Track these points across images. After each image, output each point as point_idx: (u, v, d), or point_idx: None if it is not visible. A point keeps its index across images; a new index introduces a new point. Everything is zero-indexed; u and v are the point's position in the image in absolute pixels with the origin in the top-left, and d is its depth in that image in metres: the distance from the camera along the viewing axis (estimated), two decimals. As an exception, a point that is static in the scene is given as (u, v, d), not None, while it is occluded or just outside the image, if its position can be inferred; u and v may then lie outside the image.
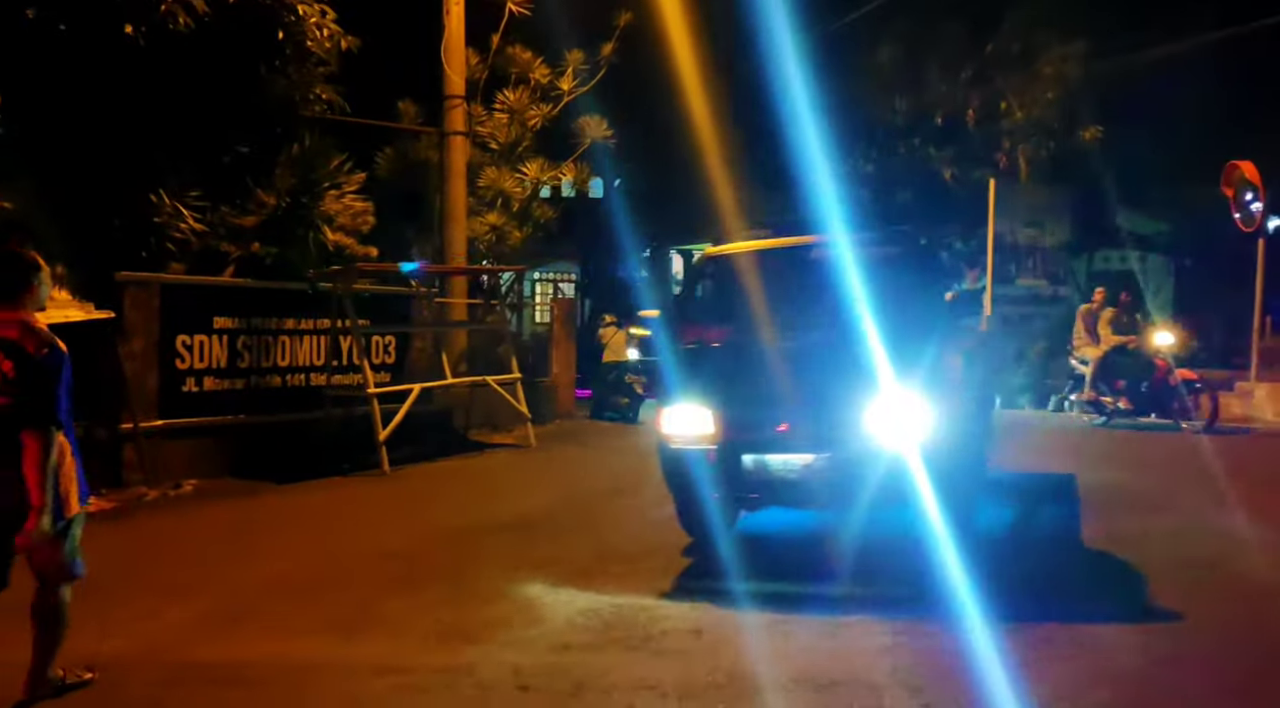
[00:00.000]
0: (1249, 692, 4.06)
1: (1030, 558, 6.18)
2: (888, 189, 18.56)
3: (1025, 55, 17.18)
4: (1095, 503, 7.72)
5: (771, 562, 6.09)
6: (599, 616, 5.02)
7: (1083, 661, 4.33)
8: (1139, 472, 9.25)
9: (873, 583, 5.43)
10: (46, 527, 3.68)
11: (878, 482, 5.29)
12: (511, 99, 14.33)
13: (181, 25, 8.89)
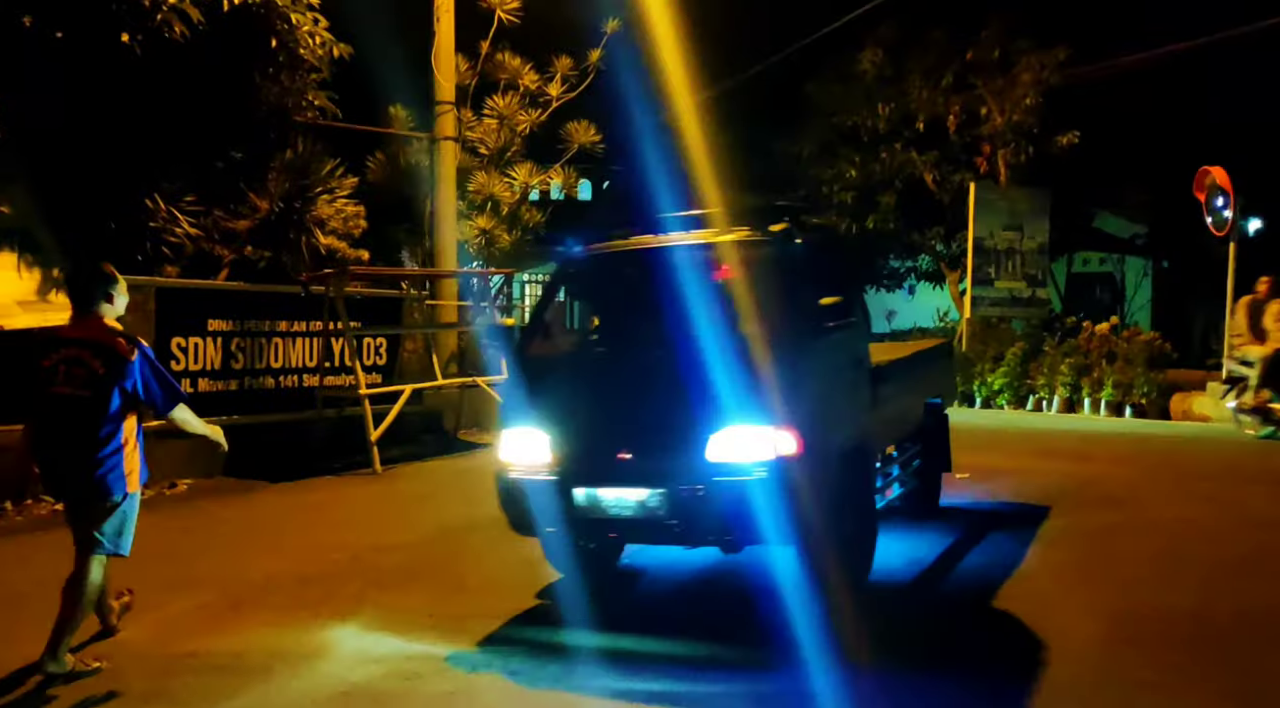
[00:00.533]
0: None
1: (929, 616, 5.21)
2: (870, 193, 18.87)
3: (1005, 61, 17.50)
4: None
5: (631, 607, 5.43)
6: (395, 660, 4.56)
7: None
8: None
9: (715, 638, 4.76)
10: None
11: (724, 520, 4.65)
12: (501, 105, 14.56)
13: (177, 34, 9.08)
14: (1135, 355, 14.57)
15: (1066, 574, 5.83)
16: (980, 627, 5.00)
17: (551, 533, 5.11)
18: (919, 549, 6.35)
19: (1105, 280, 26.15)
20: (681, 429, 4.77)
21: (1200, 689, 4.07)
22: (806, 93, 19.72)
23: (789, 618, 4.75)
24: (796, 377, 4.83)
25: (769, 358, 4.73)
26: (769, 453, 4.63)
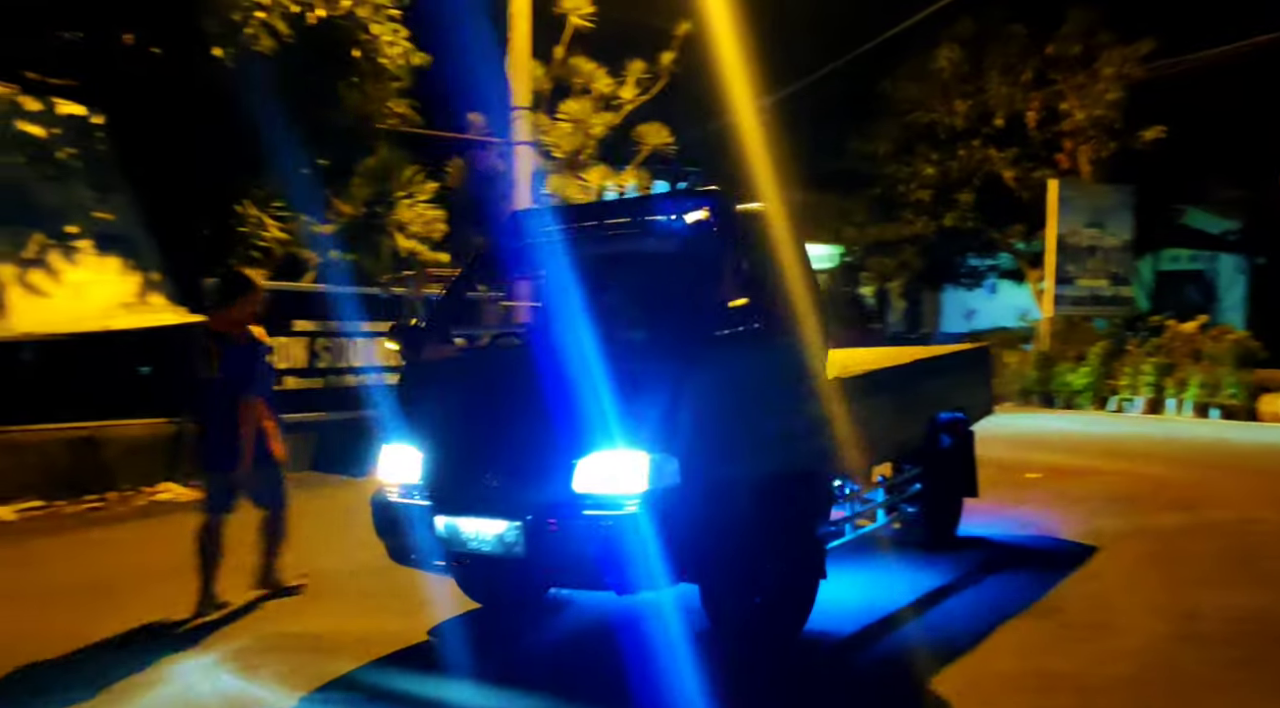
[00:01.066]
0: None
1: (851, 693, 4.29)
2: (948, 190, 18.64)
3: (1086, 56, 17.14)
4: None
5: (523, 655, 4.72)
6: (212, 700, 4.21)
7: None
8: None
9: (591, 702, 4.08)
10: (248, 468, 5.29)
11: (590, 561, 3.99)
12: (575, 110, 14.79)
13: (265, 47, 9.49)
14: (1222, 355, 14.16)
15: (1054, 648, 4.66)
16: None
17: (416, 561, 4.51)
18: (893, 592, 5.44)
19: (1196, 278, 25.30)
20: (548, 454, 4.11)
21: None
22: (882, 91, 19.57)
23: (686, 683, 4.11)
24: (681, 393, 4.07)
25: (650, 370, 4.09)
26: (640, 484, 3.92)
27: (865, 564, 5.92)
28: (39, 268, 8.72)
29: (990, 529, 6.99)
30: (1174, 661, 4.45)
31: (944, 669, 4.32)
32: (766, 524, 4.39)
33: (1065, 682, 4.20)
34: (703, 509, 4.05)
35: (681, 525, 3.97)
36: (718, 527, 4.13)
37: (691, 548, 4.04)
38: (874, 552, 6.09)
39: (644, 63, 15.42)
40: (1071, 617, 5.09)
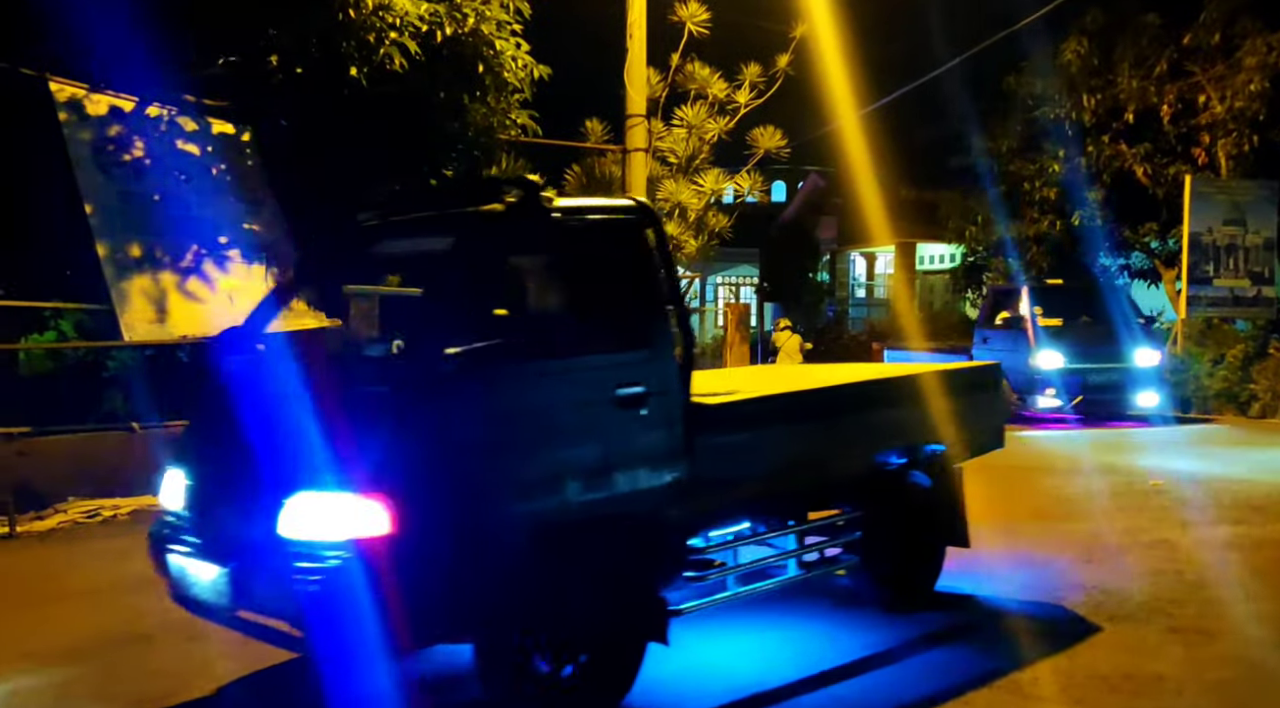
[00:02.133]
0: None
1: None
2: (1075, 188, 18.08)
3: (1226, 45, 16.37)
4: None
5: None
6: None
7: None
8: None
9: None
10: None
11: (295, 617, 3.42)
12: (689, 115, 14.97)
13: (397, 65, 10.03)
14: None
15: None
16: None
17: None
18: (791, 662, 4.61)
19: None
20: (261, 489, 3.57)
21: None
22: (1006, 87, 19.11)
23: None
24: (405, 424, 3.49)
25: (368, 396, 3.59)
26: (352, 530, 3.35)
27: (783, 624, 5.11)
28: (195, 276, 9.46)
29: (987, 586, 5.79)
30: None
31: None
32: (562, 578, 3.72)
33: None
34: (451, 559, 3.44)
35: (415, 578, 3.35)
36: (481, 580, 3.49)
37: (440, 604, 3.44)
38: (812, 608, 5.33)
39: (759, 66, 15.50)
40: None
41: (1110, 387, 13.98)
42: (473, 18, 10.76)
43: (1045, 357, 13.89)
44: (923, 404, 5.47)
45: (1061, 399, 13.75)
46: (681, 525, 4.21)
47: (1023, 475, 9.58)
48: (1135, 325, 14.33)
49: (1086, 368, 13.87)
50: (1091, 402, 13.94)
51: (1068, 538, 7.01)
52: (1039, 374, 13.88)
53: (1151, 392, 14.04)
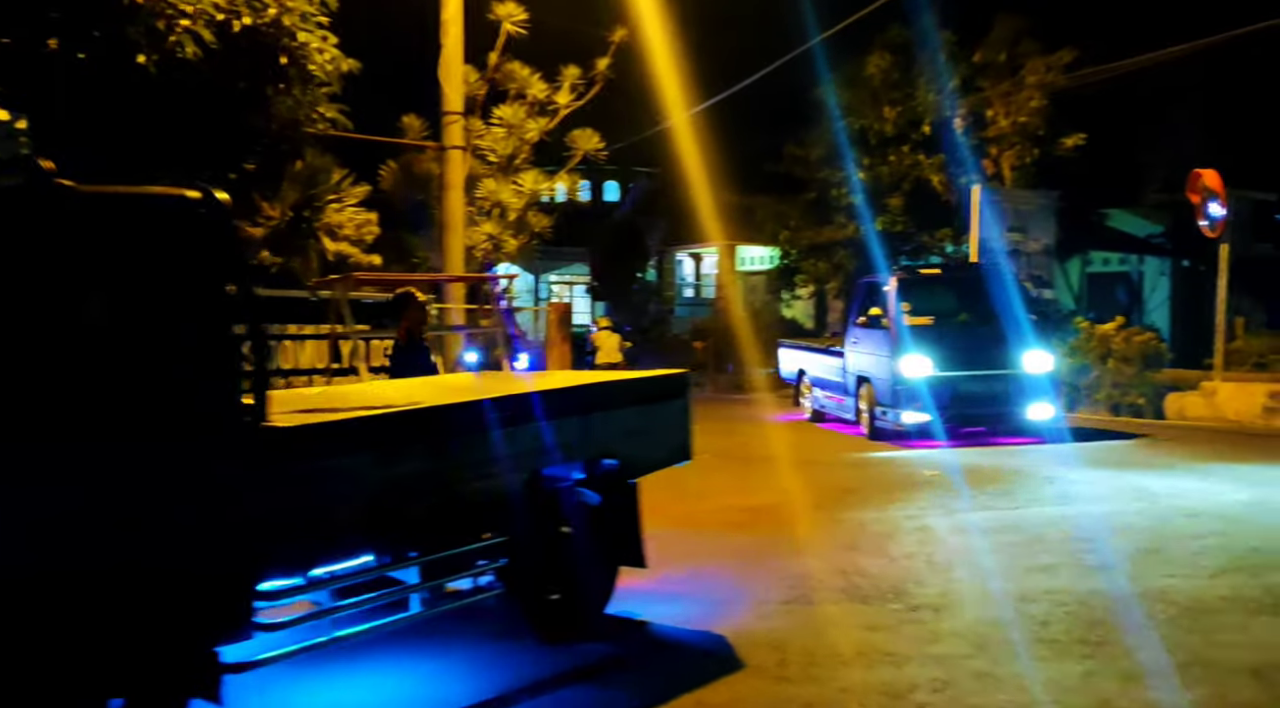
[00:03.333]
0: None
1: None
2: (879, 195, 19.14)
3: (1012, 65, 17.70)
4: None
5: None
6: None
7: None
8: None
9: None
10: None
11: None
12: (508, 115, 15.04)
13: (190, 54, 9.61)
14: (1133, 356, 14.71)
15: None
16: None
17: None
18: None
19: (1124, 280, 26.11)
20: None
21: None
22: (814, 97, 20.04)
23: None
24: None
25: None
26: None
27: (426, 659, 4.79)
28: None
29: (666, 607, 5.52)
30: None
31: None
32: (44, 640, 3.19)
33: None
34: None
35: None
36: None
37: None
38: (466, 641, 4.98)
39: (579, 68, 15.72)
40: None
41: (989, 397, 11.74)
42: (274, 8, 10.40)
43: (909, 362, 11.54)
44: (590, 418, 5.07)
45: (929, 413, 11.45)
46: (242, 570, 3.58)
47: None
48: (1027, 323, 11.74)
49: (959, 375, 11.60)
50: (965, 415, 11.87)
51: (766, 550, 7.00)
52: (901, 383, 11.60)
53: (1044, 403, 11.65)
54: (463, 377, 6.52)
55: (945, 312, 12.37)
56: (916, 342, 11.62)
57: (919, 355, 11.57)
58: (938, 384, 11.54)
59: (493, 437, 4.50)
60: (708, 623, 5.34)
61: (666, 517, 8.16)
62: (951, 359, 11.62)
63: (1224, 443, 11.82)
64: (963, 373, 11.63)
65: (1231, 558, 6.23)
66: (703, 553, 6.92)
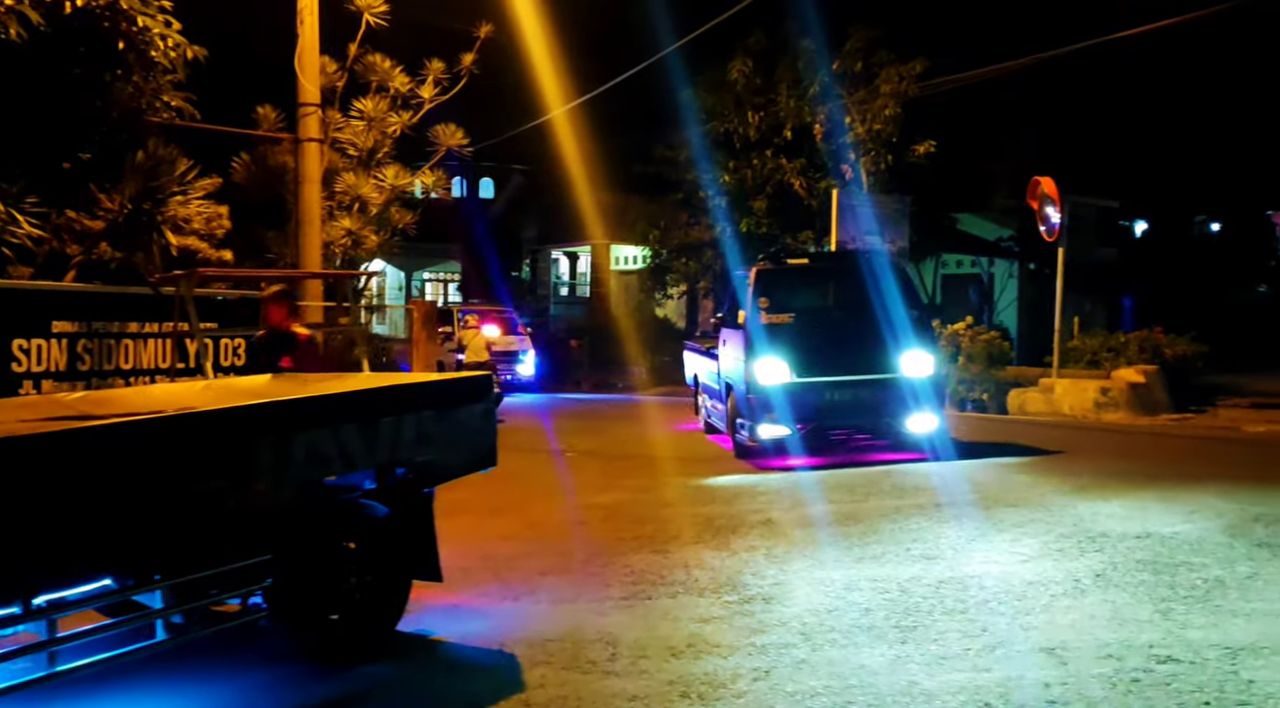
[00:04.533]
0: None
1: None
2: (744, 197, 19.55)
3: (868, 73, 18.32)
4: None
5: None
6: None
7: None
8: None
9: None
10: None
11: None
12: (369, 108, 14.75)
13: (14, 35, 9.08)
14: (979, 354, 15.45)
15: None
16: None
17: None
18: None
19: (975, 281, 27.42)
20: None
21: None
22: (682, 99, 20.32)
23: None
24: None
25: None
26: None
27: (167, 694, 4.45)
28: None
29: (459, 624, 5.30)
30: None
31: None
32: None
33: None
34: None
35: None
36: None
37: None
38: (239, 667, 4.71)
39: (442, 62, 15.54)
40: None
41: (859, 407, 10.23)
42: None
43: (764, 366, 10.04)
44: (379, 424, 4.77)
45: (787, 426, 10.02)
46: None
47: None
48: (909, 320, 10.20)
49: (823, 382, 10.11)
50: (832, 428, 10.60)
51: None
52: (755, 391, 10.06)
53: (925, 412, 10.08)
54: (257, 379, 6.23)
55: (813, 308, 11.00)
56: (774, 343, 10.03)
57: (774, 358, 10.01)
58: (798, 392, 9.96)
59: (258, 446, 4.24)
60: (542, 623, 5.37)
61: (524, 516, 8.21)
62: (814, 363, 10.06)
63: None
64: (827, 378, 10.10)
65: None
66: (549, 554, 6.94)
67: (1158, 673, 4.25)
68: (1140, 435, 12.66)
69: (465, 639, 5.14)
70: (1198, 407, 14.73)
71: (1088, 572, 5.82)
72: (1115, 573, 5.77)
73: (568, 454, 12.17)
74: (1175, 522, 7.00)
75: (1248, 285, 33.44)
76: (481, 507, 8.38)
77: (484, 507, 8.40)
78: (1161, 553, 6.16)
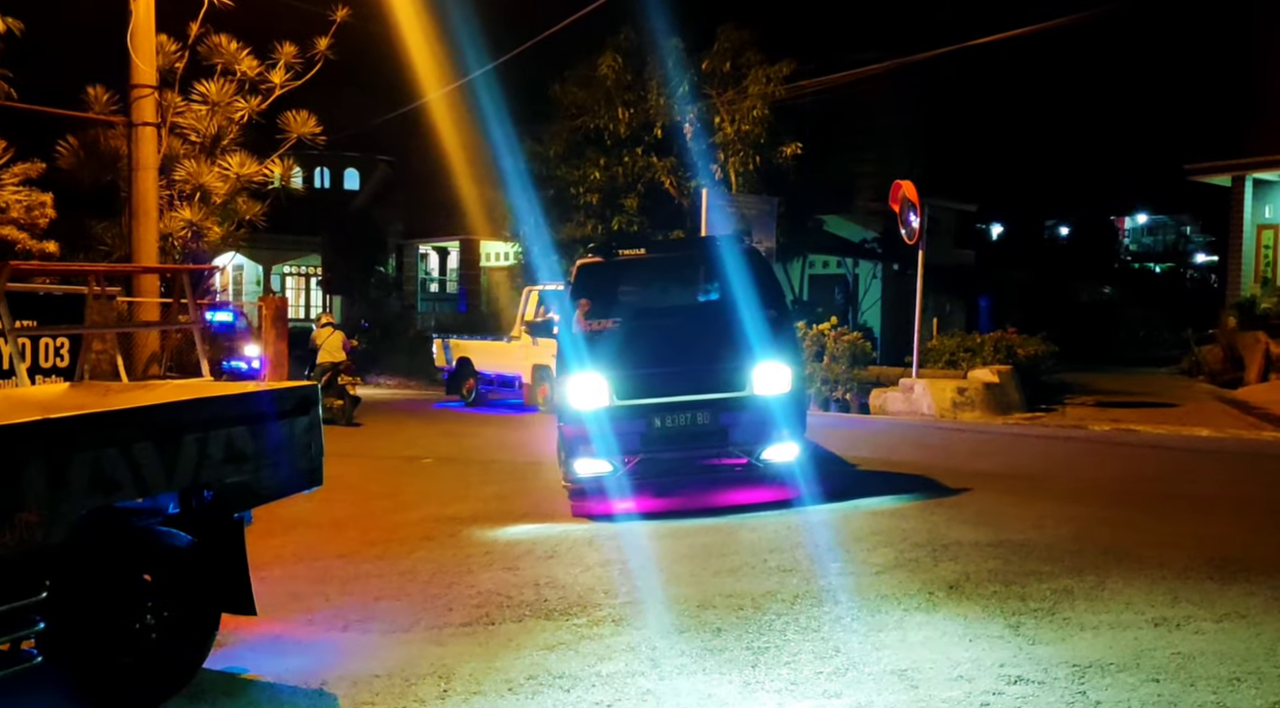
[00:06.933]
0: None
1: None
2: (615, 195, 19.27)
3: (736, 74, 18.30)
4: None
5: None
6: None
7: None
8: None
9: None
10: None
11: None
12: (212, 91, 13.83)
13: None
14: (841, 354, 15.60)
15: None
16: None
17: None
18: None
19: (841, 282, 27.94)
20: None
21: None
22: (552, 93, 19.92)
23: None
24: None
25: None
26: None
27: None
28: None
29: (278, 659, 4.88)
30: None
31: None
32: None
33: None
34: None
35: None
36: None
37: None
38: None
39: (295, 46, 14.71)
40: None
41: (697, 435, 7.99)
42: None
43: (578, 387, 8.00)
44: (179, 442, 4.31)
45: (608, 461, 7.90)
46: None
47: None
48: (765, 323, 8.12)
49: (652, 404, 7.91)
50: (666, 464, 8.12)
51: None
52: (568, 418, 8.08)
53: (783, 440, 8.00)
54: (49, 389, 5.50)
55: (648, 311, 9.05)
56: (593, 356, 8.00)
57: (590, 376, 7.94)
58: (620, 418, 7.84)
59: (25, 468, 3.72)
60: (372, 656, 4.93)
61: (370, 530, 7.68)
62: (641, 381, 7.93)
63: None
64: (657, 400, 7.89)
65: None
66: (390, 573, 6.49)
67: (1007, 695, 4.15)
68: (998, 438, 12.90)
69: (282, 678, 4.66)
70: (1048, 405, 15.21)
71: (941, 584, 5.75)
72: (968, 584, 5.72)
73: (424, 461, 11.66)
74: (1026, 529, 7.05)
75: (1095, 286, 35.19)
76: (321, 519, 7.85)
77: (324, 519, 7.87)
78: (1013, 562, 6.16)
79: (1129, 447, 11.66)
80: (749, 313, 8.11)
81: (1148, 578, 5.71)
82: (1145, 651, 4.57)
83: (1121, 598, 5.36)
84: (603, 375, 7.90)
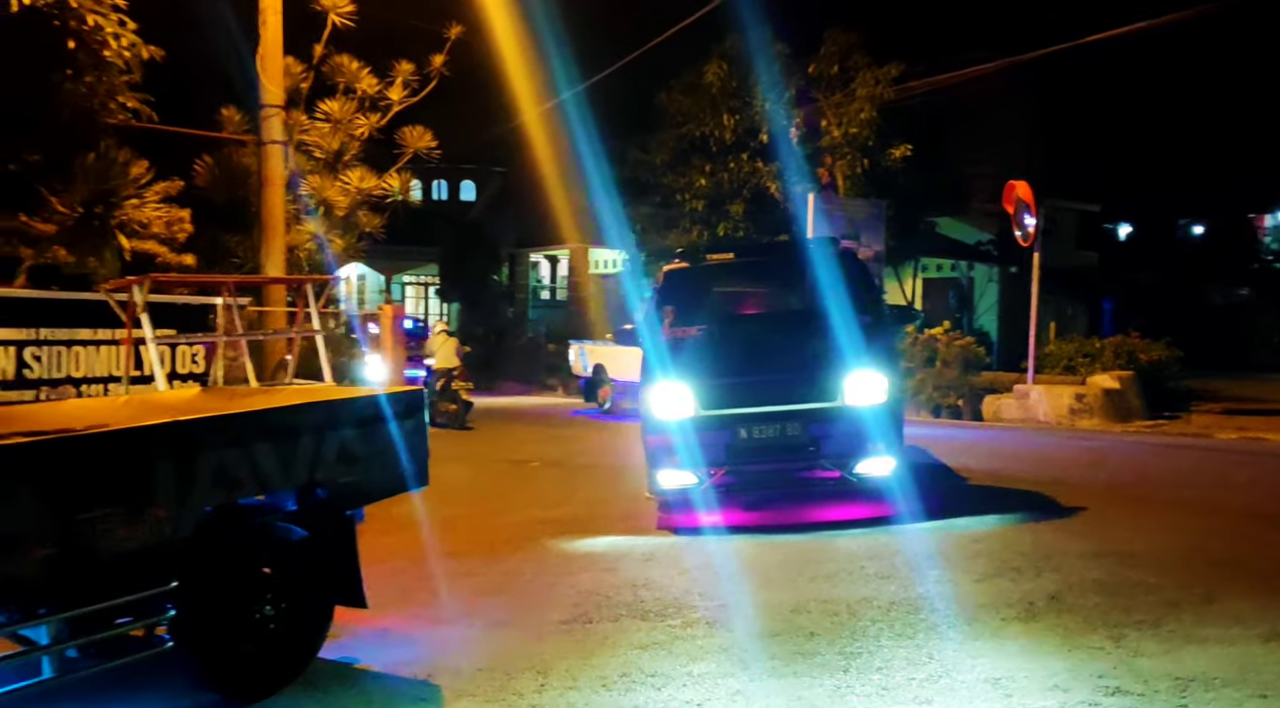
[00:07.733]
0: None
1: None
2: (720, 201, 19.35)
3: (844, 77, 18.17)
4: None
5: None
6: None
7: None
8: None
9: None
10: None
11: None
12: (335, 109, 14.53)
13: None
14: (953, 359, 15.29)
15: None
16: None
17: None
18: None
19: (955, 286, 27.30)
20: None
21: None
22: (659, 102, 20.13)
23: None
24: None
25: None
26: None
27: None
28: None
29: (387, 651, 5.06)
30: None
31: None
32: None
33: None
34: None
35: None
36: None
37: None
38: (139, 701, 4.48)
39: (411, 64, 15.34)
40: None
41: (786, 447, 7.61)
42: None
43: (661, 396, 7.73)
44: (297, 443, 4.54)
45: (693, 473, 7.60)
46: None
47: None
48: (860, 330, 7.68)
49: (738, 415, 7.59)
50: (752, 476, 7.78)
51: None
52: (652, 428, 7.79)
53: (877, 453, 7.54)
54: (182, 394, 5.89)
55: (736, 318, 8.87)
56: (678, 365, 7.75)
57: (675, 385, 7.68)
58: (705, 429, 7.54)
59: (157, 467, 4.00)
60: (474, 650, 5.15)
61: (477, 530, 7.97)
62: (728, 390, 7.62)
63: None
64: (744, 411, 7.58)
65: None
66: (494, 572, 6.73)
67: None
68: (1116, 445, 12.45)
69: (391, 668, 4.92)
70: (1172, 413, 14.61)
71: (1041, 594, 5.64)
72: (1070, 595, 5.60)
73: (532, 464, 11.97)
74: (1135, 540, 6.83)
75: (1230, 288, 33.45)
76: (433, 519, 8.17)
77: (435, 519, 8.18)
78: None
79: (1256, 456, 11.13)
80: (842, 319, 7.68)
81: (1262, 593, 5.49)
82: (1253, 666, 4.43)
83: (1231, 612, 5.18)
84: (687, 384, 7.63)
